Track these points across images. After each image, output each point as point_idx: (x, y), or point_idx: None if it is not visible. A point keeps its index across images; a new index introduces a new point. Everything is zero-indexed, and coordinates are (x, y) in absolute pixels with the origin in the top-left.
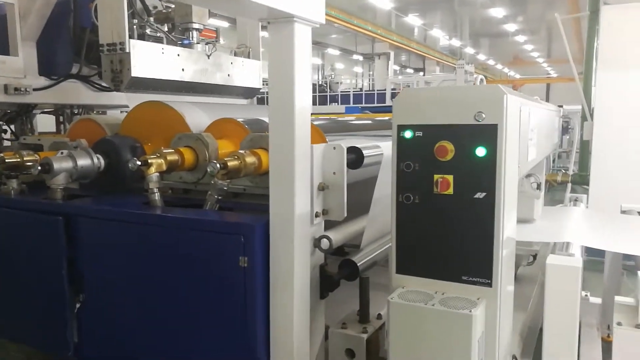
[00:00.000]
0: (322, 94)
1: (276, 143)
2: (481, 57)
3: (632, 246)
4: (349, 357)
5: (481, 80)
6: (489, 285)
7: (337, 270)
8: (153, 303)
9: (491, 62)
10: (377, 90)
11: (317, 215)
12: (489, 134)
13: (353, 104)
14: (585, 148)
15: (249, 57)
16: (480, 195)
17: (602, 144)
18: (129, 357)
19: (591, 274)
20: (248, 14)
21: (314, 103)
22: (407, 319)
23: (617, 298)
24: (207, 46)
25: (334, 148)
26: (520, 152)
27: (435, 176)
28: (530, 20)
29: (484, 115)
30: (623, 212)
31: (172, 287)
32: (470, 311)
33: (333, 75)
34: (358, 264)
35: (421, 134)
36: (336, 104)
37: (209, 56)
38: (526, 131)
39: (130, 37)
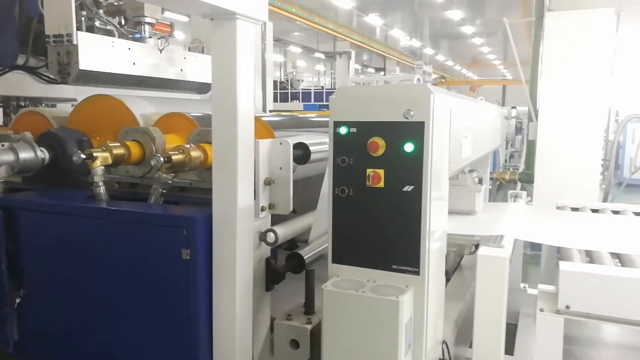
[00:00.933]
0: (284, 91)
1: (219, 138)
2: (440, 58)
3: (559, 239)
4: (294, 347)
5: (435, 79)
6: (417, 273)
7: (284, 264)
8: (95, 298)
9: (450, 63)
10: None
11: (262, 210)
12: (416, 130)
13: (314, 101)
14: (531, 147)
15: (203, 52)
16: (408, 188)
17: (545, 144)
18: (71, 353)
19: (534, 267)
20: (191, 10)
21: (275, 100)
22: (339, 306)
23: (540, 286)
24: (159, 40)
25: (280, 143)
26: (452, 149)
27: (368, 170)
28: (487, 23)
29: (412, 113)
30: (558, 207)
31: (114, 282)
32: (397, 297)
33: (294, 73)
34: (304, 257)
35: (355, 130)
36: (297, 101)
37: (161, 51)
38: (459, 129)
39: (79, 29)
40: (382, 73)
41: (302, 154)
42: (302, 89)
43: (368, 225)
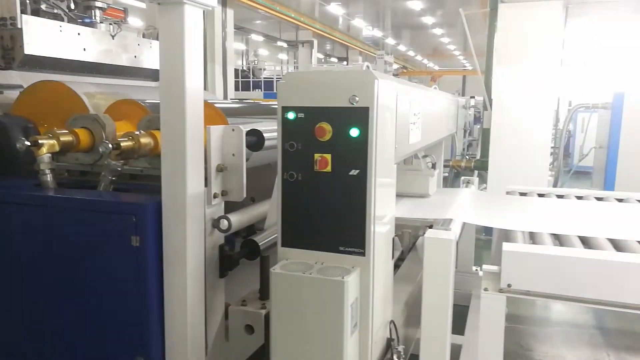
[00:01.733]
0: (246, 80)
1: (167, 124)
2: (402, 48)
3: (505, 222)
4: (249, 333)
5: (397, 69)
6: (363, 254)
7: (239, 250)
8: (45, 287)
9: (412, 53)
10: None
11: (215, 196)
12: (361, 116)
13: (276, 90)
14: (486, 136)
15: (157, 39)
16: (354, 172)
17: (498, 132)
18: (21, 342)
19: (488, 251)
20: None
21: (236, 89)
22: (287, 288)
23: (485, 266)
24: (112, 26)
25: (233, 130)
26: (399, 134)
27: (316, 155)
28: (447, 14)
29: (357, 99)
30: (507, 193)
31: (64, 270)
32: (343, 277)
33: (256, 62)
34: (259, 244)
35: (303, 116)
36: (260, 90)
37: (113, 36)
38: (406, 115)
39: (23, 12)
40: (344, 63)
41: (255, 140)
42: (265, 78)
43: (316, 208)
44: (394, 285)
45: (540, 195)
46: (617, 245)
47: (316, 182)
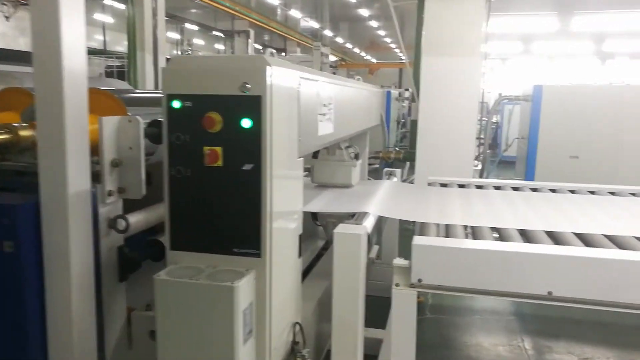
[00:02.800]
0: None
1: (43, 113)
2: (340, 40)
3: (419, 214)
4: (153, 339)
5: (335, 61)
6: (258, 256)
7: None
8: None
9: (349, 45)
10: None
11: (110, 194)
12: (253, 105)
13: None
14: (414, 128)
15: None
16: (248, 167)
17: (425, 124)
18: None
19: None
20: None
21: None
22: (173, 296)
23: (395, 261)
24: (5, 7)
25: (130, 121)
26: (304, 126)
27: (205, 148)
28: (383, 7)
29: (248, 86)
30: (429, 184)
31: None
32: (233, 283)
33: (190, 51)
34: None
35: (190, 105)
36: None
37: (7, 18)
38: (313, 106)
39: None
40: (283, 54)
41: (157, 132)
42: None
43: (207, 207)
44: (310, 281)
45: (461, 186)
46: (529, 236)
47: (206, 178)
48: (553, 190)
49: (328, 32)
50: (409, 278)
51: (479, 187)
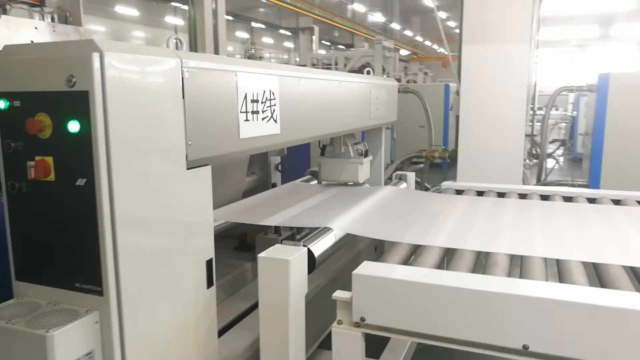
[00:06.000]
0: None
1: None
2: (408, 33)
3: (396, 231)
4: None
5: (406, 56)
6: (100, 294)
7: None
8: None
9: (419, 38)
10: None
11: None
12: (80, 103)
13: None
14: (457, 124)
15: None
16: (81, 181)
17: (467, 120)
18: None
19: None
20: None
21: None
22: None
23: (336, 293)
24: None
25: None
26: (201, 126)
27: (37, 158)
28: None
29: (74, 80)
30: (441, 190)
31: None
32: (48, 331)
33: (253, 50)
34: None
35: (19, 104)
36: None
37: None
38: (227, 101)
39: None
40: (352, 49)
41: None
42: None
43: (45, 231)
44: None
45: (479, 193)
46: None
47: (41, 195)
48: (592, 201)
49: (395, 25)
50: (351, 315)
51: (501, 194)
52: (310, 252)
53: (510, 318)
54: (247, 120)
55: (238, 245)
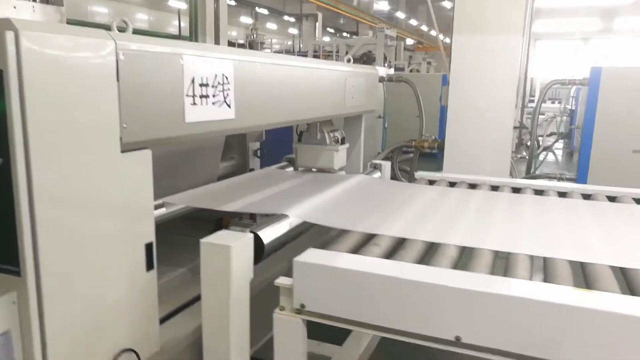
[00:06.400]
0: None
1: None
2: (414, 22)
3: (357, 220)
4: None
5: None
6: (17, 274)
7: None
8: None
9: (425, 28)
10: (298, 52)
11: None
12: None
13: None
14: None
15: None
16: None
17: (455, 111)
18: None
19: None
20: None
21: None
22: None
23: (279, 279)
24: None
25: None
26: (138, 109)
27: None
28: None
29: None
30: (415, 180)
31: None
32: None
33: (255, 35)
34: None
35: None
36: None
37: None
38: (170, 85)
39: None
40: (354, 37)
41: None
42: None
43: None
44: None
45: (452, 184)
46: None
47: None
48: (563, 194)
49: (400, 14)
50: (292, 302)
51: (472, 186)
52: (259, 239)
53: (443, 309)
54: (194, 104)
55: (213, 230)
